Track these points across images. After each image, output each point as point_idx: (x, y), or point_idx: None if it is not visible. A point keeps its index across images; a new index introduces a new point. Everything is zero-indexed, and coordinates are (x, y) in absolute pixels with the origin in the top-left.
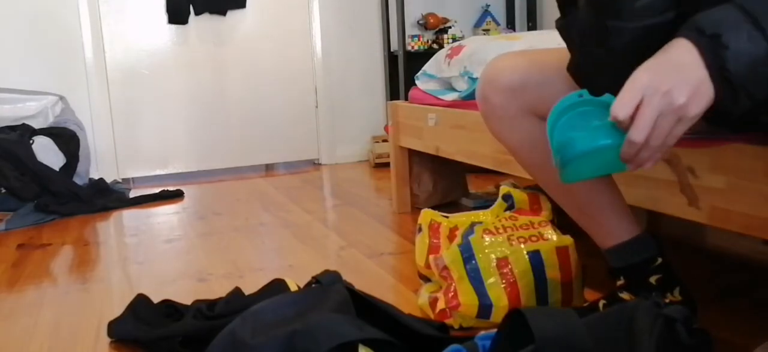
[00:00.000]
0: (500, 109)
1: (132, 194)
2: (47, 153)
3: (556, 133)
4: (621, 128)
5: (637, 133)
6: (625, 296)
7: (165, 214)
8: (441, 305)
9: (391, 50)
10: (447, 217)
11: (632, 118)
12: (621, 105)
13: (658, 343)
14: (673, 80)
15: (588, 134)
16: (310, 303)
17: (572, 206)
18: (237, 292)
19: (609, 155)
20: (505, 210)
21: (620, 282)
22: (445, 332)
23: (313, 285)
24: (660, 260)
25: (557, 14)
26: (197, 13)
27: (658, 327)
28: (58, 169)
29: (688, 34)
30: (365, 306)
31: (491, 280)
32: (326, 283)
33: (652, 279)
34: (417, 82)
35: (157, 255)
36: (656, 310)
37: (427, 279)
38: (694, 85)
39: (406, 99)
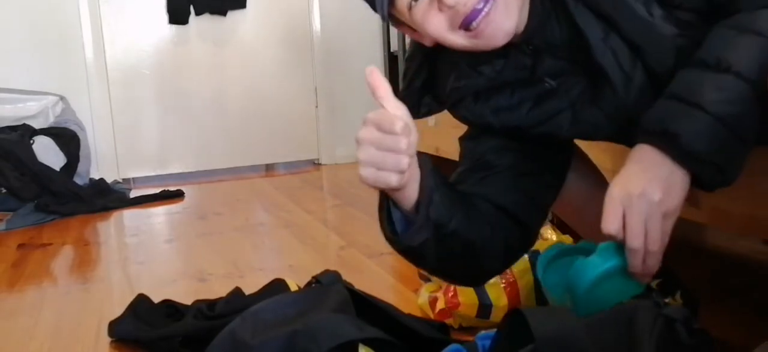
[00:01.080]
0: None
1: (132, 194)
2: (47, 153)
3: (551, 284)
4: (617, 243)
5: (633, 239)
6: None
7: (165, 214)
8: (441, 305)
9: (391, 50)
10: None
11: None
12: (608, 222)
13: (658, 343)
14: (642, 182)
15: (590, 264)
16: (310, 303)
17: (574, 216)
18: (237, 292)
19: (618, 279)
20: None
21: None
22: (445, 333)
23: (313, 285)
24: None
25: None
26: (197, 13)
27: (658, 327)
28: (58, 170)
29: (642, 140)
30: (365, 306)
31: (491, 280)
32: (326, 283)
33: (653, 283)
34: None
35: (157, 255)
36: (656, 310)
37: (427, 279)
38: (664, 179)
39: None
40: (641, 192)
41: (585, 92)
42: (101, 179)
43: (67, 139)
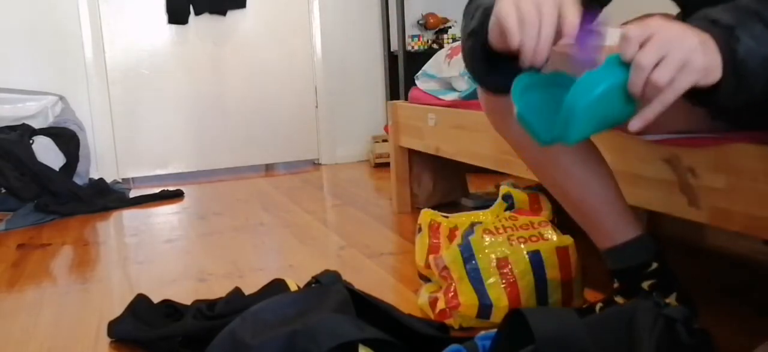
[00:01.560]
0: (504, 107)
1: (132, 194)
2: (47, 153)
3: (531, 107)
4: (621, 59)
5: (645, 56)
6: (619, 300)
7: (165, 214)
8: (441, 305)
9: (391, 50)
10: (447, 217)
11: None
12: (633, 29)
13: (659, 343)
14: (686, 30)
15: (599, 75)
16: (310, 303)
17: (571, 205)
18: (237, 292)
19: (618, 97)
20: (505, 210)
21: (616, 285)
22: (445, 332)
23: (313, 285)
24: (655, 264)
25: None
26: (197, 13)
27: (659, 327)
28: (58, 170)
29: (699, 24)
30: (365, 306)
31: (491, 280)
32: (326, 283)
33: (645, 284)
34: (417, 82)
35: (157, 255)
36: (656, 310)
37: (427, 279)
38: (703, 44)
39: (406, 99)
40: (679, 32)
41: None
42: (101, 179)
43: (67, 139)
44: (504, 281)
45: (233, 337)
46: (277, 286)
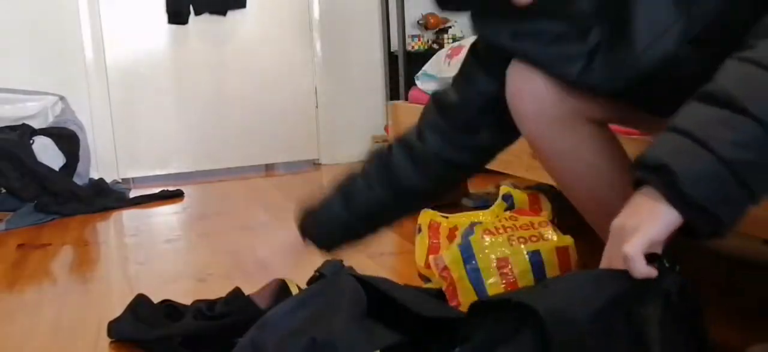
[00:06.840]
0: (551, 109)
1: (132, 194)
2: (47, 153)
3: None
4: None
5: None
6: None
7: (165, 214)
8: None
9: (391, 50)
10: (447, 217)
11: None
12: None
13: (662, 326)
14: (633, 219)
15: None
16: (323, 303)
17: (590, 211)
18: (237, 292)
19: None
20: (505, 210)
21: None
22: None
23: (319, 279)
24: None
25: None
26: (197, 13)
27: (659, 310)
28: (58, 170)
29: (638, 175)
30: (370, 290)
31: (491, 280)
32: (330, 273)
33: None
34: (417, 82)
35: (157, 255)
36: (658, 292)
37: (427, 279)
38: (650, 212)
39: (406, 99)
40: (633, 226)
41: (605, 40)
42: (101, 179)
43: (67, 139)
44: (504, 281)
45: (255, 348)
46: (277, 286)
